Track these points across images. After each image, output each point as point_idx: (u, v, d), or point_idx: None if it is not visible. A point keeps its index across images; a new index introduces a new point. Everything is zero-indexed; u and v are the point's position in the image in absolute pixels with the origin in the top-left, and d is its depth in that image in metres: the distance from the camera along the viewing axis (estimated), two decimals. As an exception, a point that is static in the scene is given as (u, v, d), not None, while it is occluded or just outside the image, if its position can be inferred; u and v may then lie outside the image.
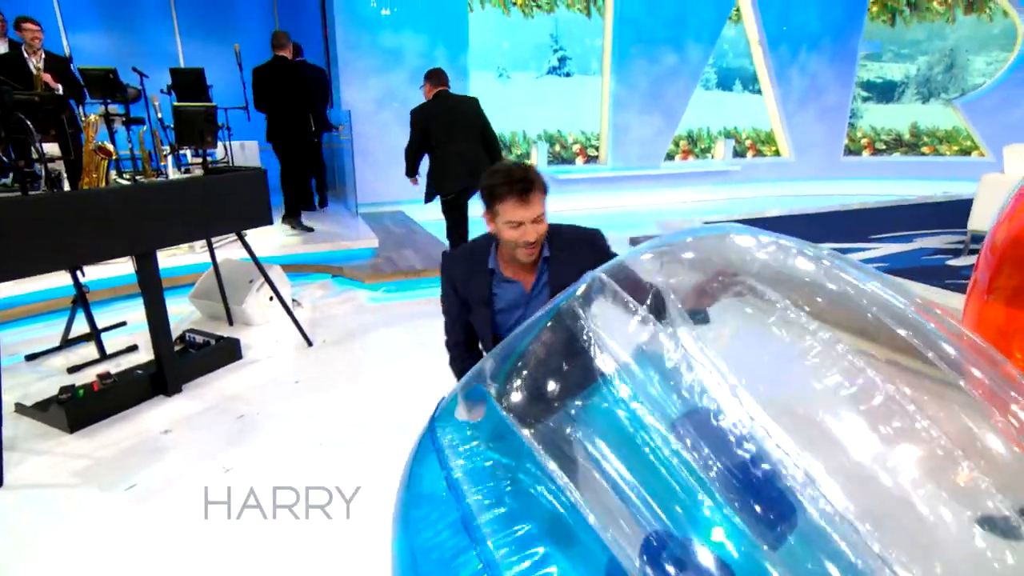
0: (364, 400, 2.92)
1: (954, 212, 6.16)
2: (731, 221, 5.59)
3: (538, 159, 8.24)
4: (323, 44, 7.78)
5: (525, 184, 1.54)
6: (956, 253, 4.84)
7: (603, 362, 1.06)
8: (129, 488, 2.24)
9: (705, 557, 0.84)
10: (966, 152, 9.43)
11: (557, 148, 8.41)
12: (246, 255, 3.43)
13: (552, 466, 0.96)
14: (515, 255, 1.64)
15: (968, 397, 1.02)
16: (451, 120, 4.18)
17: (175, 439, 2.58)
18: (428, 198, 4.32)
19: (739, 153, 9.51)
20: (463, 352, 1.83)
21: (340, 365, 3.34)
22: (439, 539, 1.01)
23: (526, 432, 1.04)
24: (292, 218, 5.52)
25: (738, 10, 8.70)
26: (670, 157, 9.01)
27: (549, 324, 1.18)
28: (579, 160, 8.55)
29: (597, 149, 8.60)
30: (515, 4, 7.60)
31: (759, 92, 9.31)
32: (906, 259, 4.74)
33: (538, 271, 1.71)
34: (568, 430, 1.03)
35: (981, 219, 4.53)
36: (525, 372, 1.18)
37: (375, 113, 7.11)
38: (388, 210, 7.25)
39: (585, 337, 1.10)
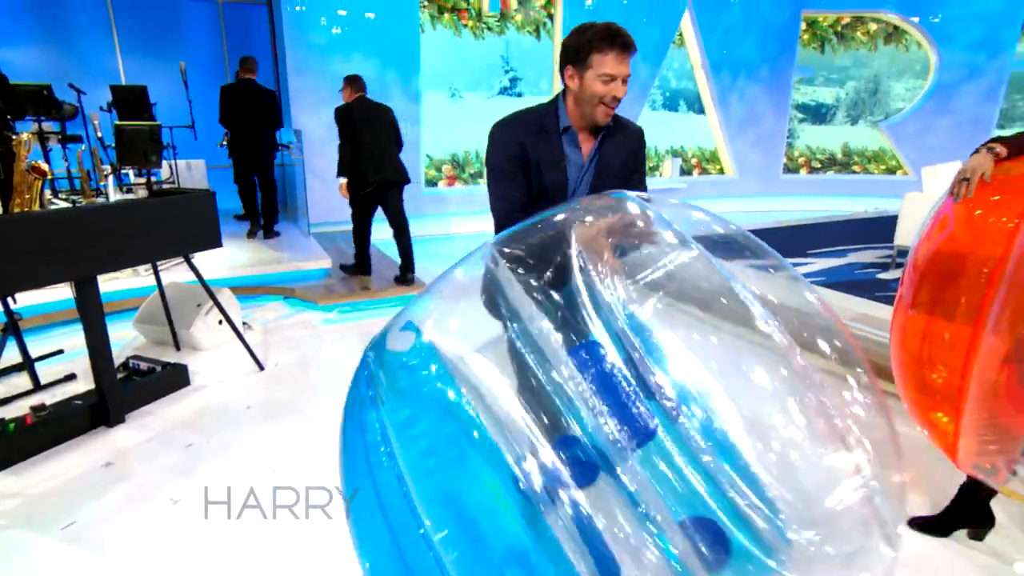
0: (319, 424, 2.88)
1: (883, 228, 6.55)
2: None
3: (491, 178, 8.34)
4: (272, 64, 7.69)
5: (628, 41, 1.62)
6: (885, 267, 5.14)
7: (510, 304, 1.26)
8: (66, 527, 2.13)
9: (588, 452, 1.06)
10: (892, 171, 10.05)
11: (510, 167, 8.53)
12: (194, 278, 3.34)
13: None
14: (594, 113, 1.66)
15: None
16: (375, 122, 4.74)
17: (118, 472, 2.47)
18: (352, 190, 4.82)
19: (685, 171, 9.86)
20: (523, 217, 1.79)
21: (294, 389, 3.27)
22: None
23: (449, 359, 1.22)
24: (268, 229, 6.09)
25: (681, 35, 9.07)
26: (619, 176, 9.25)
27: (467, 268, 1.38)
28: (531, 179, 8.68)
29: (549, 168, 8.75)
30: (466, 26, 7.71)
31: (703, 113, 9.69)
32: (840, 273, 5.01)
33: (595, 143, 1.75)
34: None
35: (906, 235, 4.84)
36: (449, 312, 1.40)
37: (327, 134, 7.04)
38: (341, 230, 7.15)
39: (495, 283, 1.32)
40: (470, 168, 8.30)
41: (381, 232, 7.20)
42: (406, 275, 4.96)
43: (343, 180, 4.77)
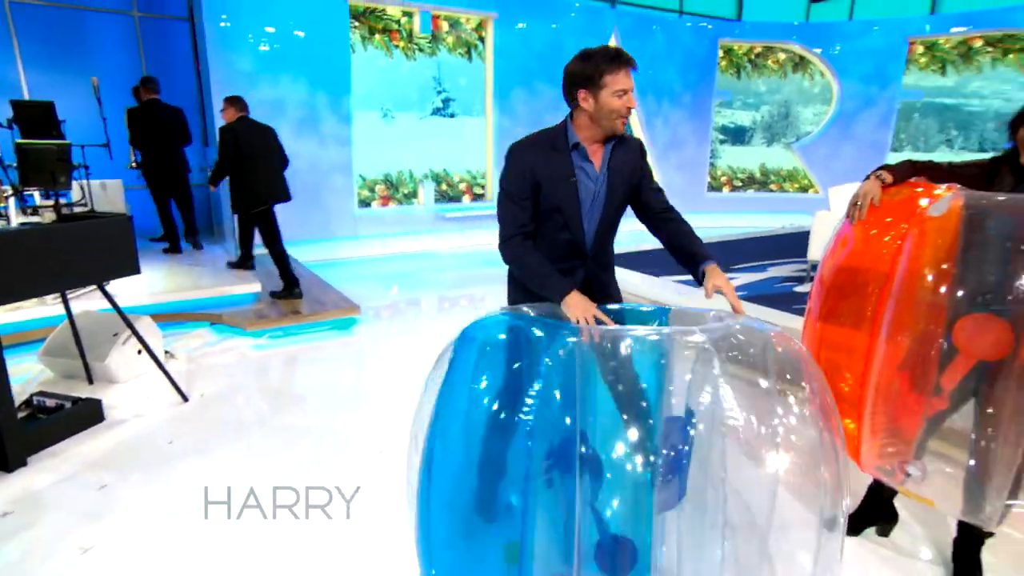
0: (249, 456, 2.76)
1: (798, 243, 6.98)
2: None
3: (425, 198, 8.32)
4: (196, 82, 7.42)
5: (631, 58, 1.83)
6: (801, 280, 5.48)
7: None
8: (-44, 587, 1.95)
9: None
10: (805, 189, 10.75)
11: (444, 187, 8.54)
12: (109, 305, 3.16)
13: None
14: (614, 126, 1.83)
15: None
16: (262, 142, 4.92)
17: (17, 522, 2.27)
18: (241, 208, 4.99)
19: (615, 190, 10.17)
20: (523, 239, 1.88)
21: (221, 420, 3.14)
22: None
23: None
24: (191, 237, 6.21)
25: (607, 60, 9.41)
26: (553, 195, 9.44)
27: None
28: (466, 198, 8.73)
29: (483, 187, 8.83)
30: (397, 47, 7.73)
31: (630, 131, 10.06)
32: (761, 287, 5.30)
33: (604, 155, 1.91)
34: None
35: (816, 250, 5.18)
36: None
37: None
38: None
39: None
40: (404, 188, 8.26)
41: (312, 254, 7.05)
42: (292, 289, 5.03)
43: (212, 187, 5.14)
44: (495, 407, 1.34)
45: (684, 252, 1.93)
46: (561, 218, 1.89)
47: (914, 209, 1.82)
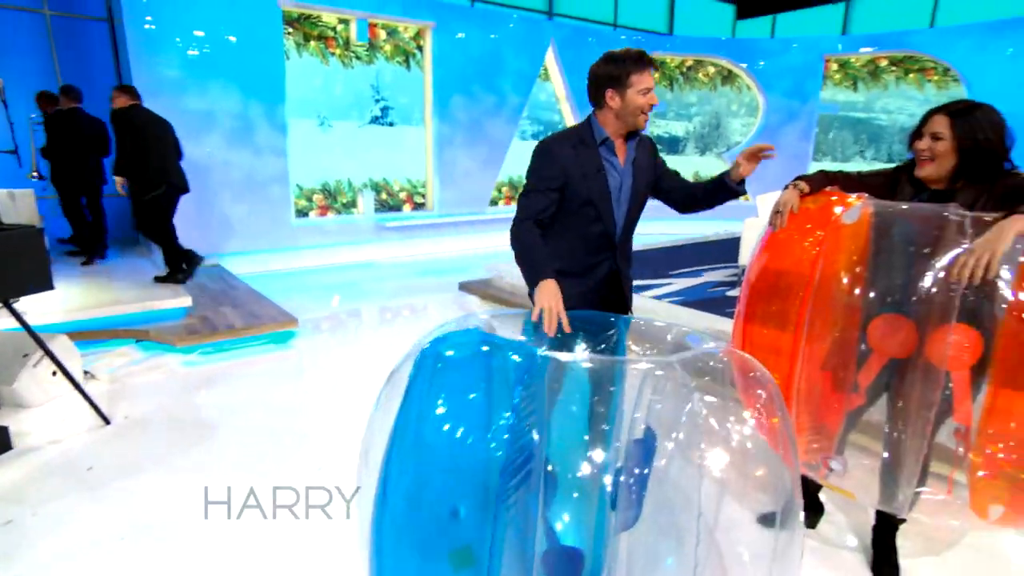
0: (180, 480, 2.63)
1: (730, 249, 7.28)
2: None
3: (364, 207, 8.19)
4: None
5: (649, 58, 1.96)
6: (733, 285, 5.72)
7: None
8: None
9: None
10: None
11: (384, 196, 8.44)
12: (17, 324, 2.94)
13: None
14: (638, 122, 1.99)
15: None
16: (160, 131, 4.98)
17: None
18: (147, 193, 4.94)
19: (556, 199, 10.32)
20: (533, 226, 1.98)
21: (148, 443, 2.97)
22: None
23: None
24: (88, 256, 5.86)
25: (546, 69, 9.58)
26: (494, 203, 9.49)
27: None
28: (406, 207, 8.65)
29: (424, 196, 8.78)
30: (333, 54, 7.60)
31: (569, 144, 10.25)
32: (696, 292, 5.49)
33: (628, 151, 2.08)
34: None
35: (746, 256, 5.43)
36: None
37: (187, 160, 6.56)
38: (203, 264, 6.66)
39: None
40: (343, 198, 8.10)
41: (247, 266, 6.81)
42: (176, 274, 5.09)
43: (120, 178, 4.97)
44: (459, 431, 1.28)
45: (706, 190, 2.18)
46: (593, 211, 2.02)
47: (829, 216, 1.94)
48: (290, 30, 7.21)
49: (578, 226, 2.05)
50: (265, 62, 6.94)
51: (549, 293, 1.71)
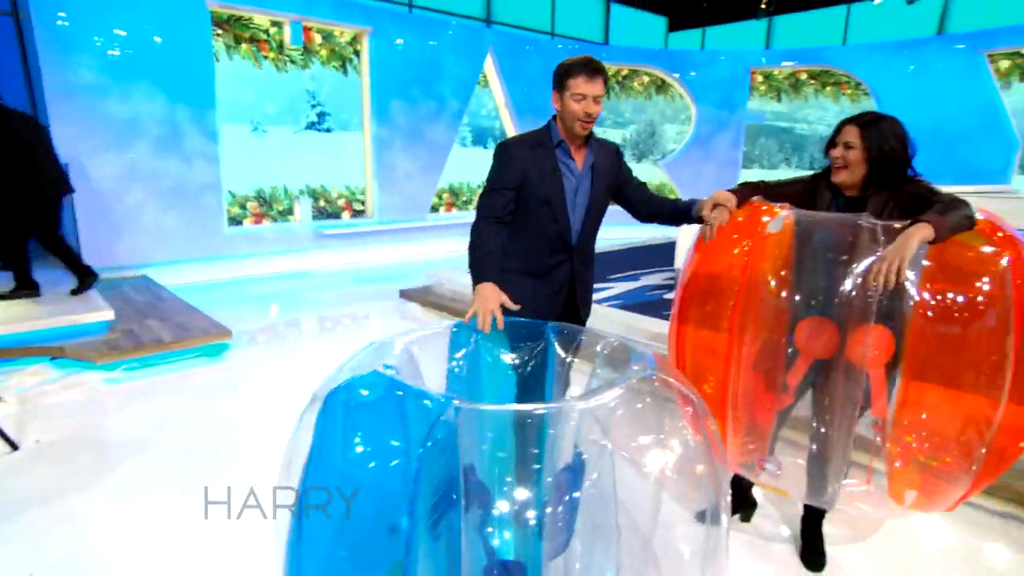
0: (101, 508, 2.47)
1: (667, 253, 7.52)
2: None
3: (302, 214, 7.97)
4: (26, 89, 6.58)
5: (596, 66, 1.95)
6: (670, 288, 5.90)
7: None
8: None
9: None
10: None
11: (322, 203, 8.24)
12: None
13: None
14: (574, 127, 2.00)
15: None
16: (34, 135, 4.46)
17: None
18: (26, 203, 4.41)
19: (498, 205, 10.36)
20: (492, 224, 2.02)
21: (62, 469, 2.78)
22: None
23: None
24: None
25: (485, 76, 9.62)
26: (435, 209, 9.44)
27: None
28: (345, 214, 8.48)
29: (363, 203, 8.63)
30: (267, 58, 7.37)
31: (510, 151, 10.32)
32: (635, 296, 5.64)
33: (586, 155, 2.10)
34: None
35: (682, 259, 5.62)
36: None
37: (109, 167, 6.21)
38: (128, 275, 6.31)
39: None
40: (279, 205, 7.86)
41: (177, 276, 6.50)
42: (87, 277, 4.78)
43: None
44: (373, 469, 1.21)
45: (672, 212, 2.21)
46: (550, 211, 2.05)
47: (756, 225, 2.03)
48: (219, 32, 6.95)
49: (536, 226, 2.08)
50: (193, 65, 6.65)
51: (484, 296, 1.75)
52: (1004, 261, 1.73)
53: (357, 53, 8.13)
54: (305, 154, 7.94)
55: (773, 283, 1.95)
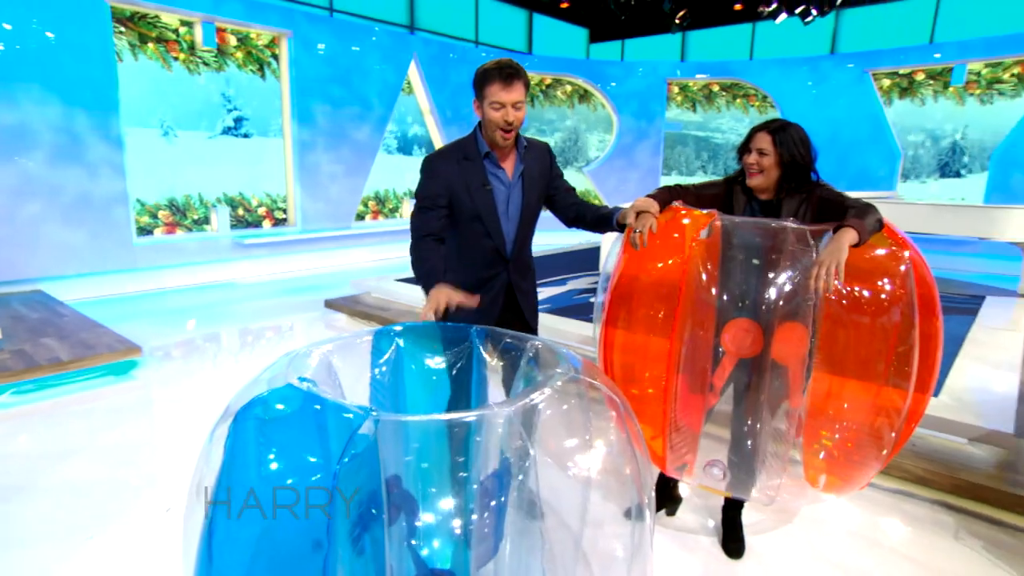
0: (-11, 544, 2.25)
1: (592, 257, 7.71)
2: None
3: (218, 224, 7.60)
4: None
5: (511, 71, 1.84)
6: (594, 291, 6.06)
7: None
8: None
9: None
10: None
11: (240, 211, 7.89)
12: None
13: None
14: (494, 137, 1.91)
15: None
16: None
17: None
18: None
19: (426, 212, 10.29)
20: (430, 243, 1.95)
21: (-55, 505, 2.51)
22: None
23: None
24: None
25: (409, 83, 9.55)
26: (360, 217, 9.26)
27: None
28: (266, 223, 8.16)
29: (285, 211, 8.34)
30: (176, 59, 7.00)
31: (437, 158, 10.28)
32: (562, 299, 5.75)
33: (516, 162, 2.02)
34: None
35: (606, 264, 5.78)
36: None
37: (-13, 172, 5.68)
38: (20, 290, 5.80)
39: None
40: (193, 214, 7.46)
41: (80, 291, 6.03)
42: None
43: None
44: (289, 486, 1.14)
45: (595, 219, 2.14)
46: (481, 225, 1.97)
47: (680, 228, 2.07)
48: (122, 29, 6.53)
49: (468, 241, 2.00)
50: (92, 64, 6.21)
51: (435, 291, 1.75)
52: (906, 260, 1.88)
53: (276, 57, 7.87)
54: (221, 160, 7.59)
55: (702, 287, 1.98)
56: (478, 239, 2.00)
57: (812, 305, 1.84)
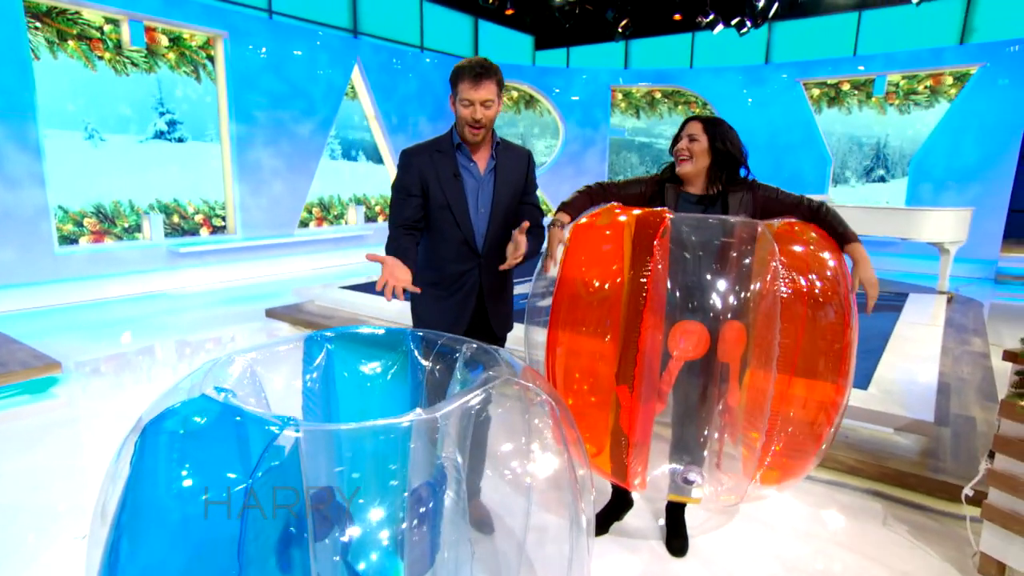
0: None
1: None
2: (369, 282, 5.87)
3: (152, 232, 7.25)
4: None
5: (480, 70, 1.90)
6: (544, 295, 6.07)
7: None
8: None
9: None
10: (544, 214, 12.03)
11: (176, 219, 7.56)
12: None
13: None
14: (464, 133, 1.98)
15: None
16: None
17: None
18: None
19: (371, 218, 10.14)
20: (403, 232, 2.02)
21: None
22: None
23: None
24: None
25: (353, 87, 9.39)
26: (304, 224, 9.02)
27: None
28: (204, 231, 7.84)
29: (224, 218, 8.04)
30: (101, 58, 6.65)
31: (382, 162, 10.15)
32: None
33: (489, 158, 2.07)
34: None
35: (554, 268, 5.80)
36: None
37: None
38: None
39: None
40: (123, 221, 7.09)
41: (4, 304, 5.63)
42: None
43: None
44: (204, 502, 1.07)
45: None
46: (451, 215, 2.03)
47: (618, 228, 2.02)
48: (38, 25, 6.16)
49: (440, 232, 2.07)
50: (5, 60, 5.81)
51: (390, 265, 1.80)
52: (839, 260, 1.93)
53: (212, 59, 7.59)
54: (153, 166, 7.25)
55: (646, 291, 1.89)
56: (449, 228, 2.06)
57: (751, 303, 1.85)
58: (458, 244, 2.07)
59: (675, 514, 2.34)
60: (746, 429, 2.04)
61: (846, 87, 9.83)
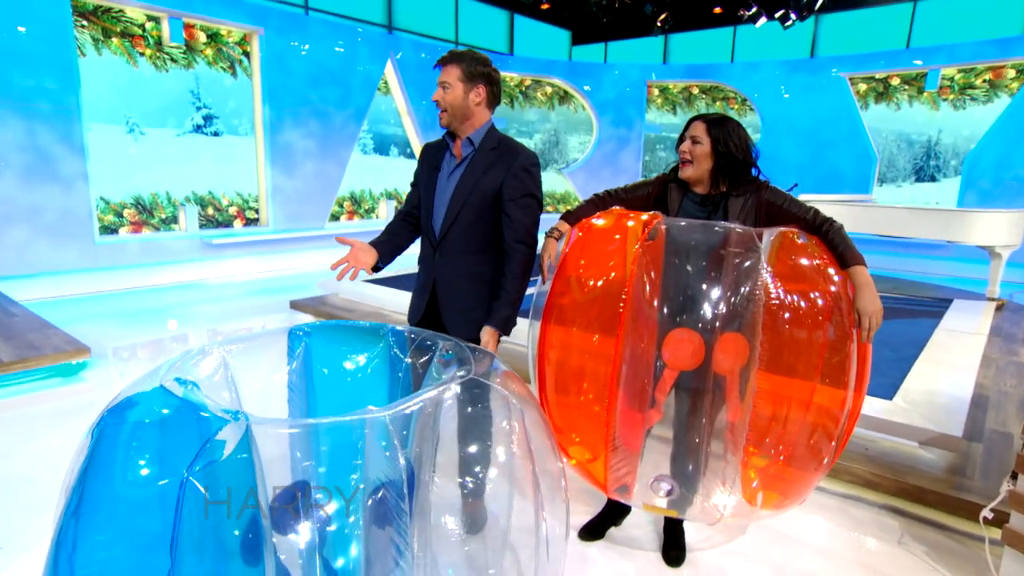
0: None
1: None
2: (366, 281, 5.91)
3: (187, 223, 7.48)
4: None
5: (448, 56, 1.95)
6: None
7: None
8: None
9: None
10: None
11: (211, 211, 7.78)
12: None
13: None
14: (439, 116, 1.99)
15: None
16: None
17: None
18: None
19: (403, 213, 10.22)
20: (400, 219, 2.17)
21: None
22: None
23: None
24: None
25: (387, 83, 9.47)
26: (335, 218, 9.16)
27: None
28: (237, 223, 8.05)
29: (256, 211, 8.23)
30: (143, 54, 6.88)
31: (413, 157, 10.22)
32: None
33: (464, 148, 2.01)
34: None
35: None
36: None
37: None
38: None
39: None
40: (160, 213, 7.33)
41: (37, 290, 5.89)
42: None
43: None
44: (143, 502, 1.06)
45: None
46: (425, 202, 2.07)
47: (624, 232, 1.95)
48: (84, 23, 6.41)
49: (422, 223, 2.12)
50: (53, 57, 6.08)
51: (356, 245, 1.96)
52: (840, 275, 1.80)
53: (247, 54, 7.76)
54: (190, 159, 7.47)
55: (644, 300, 1.84)
56: (424, 219, 2.09)
57: (755, 316, 1.75)
58: (426, 235, 2.09)
59: (674, 524, 2.26)
60: (747, 448, 1.91)
61: (895, 81, 9.40)
